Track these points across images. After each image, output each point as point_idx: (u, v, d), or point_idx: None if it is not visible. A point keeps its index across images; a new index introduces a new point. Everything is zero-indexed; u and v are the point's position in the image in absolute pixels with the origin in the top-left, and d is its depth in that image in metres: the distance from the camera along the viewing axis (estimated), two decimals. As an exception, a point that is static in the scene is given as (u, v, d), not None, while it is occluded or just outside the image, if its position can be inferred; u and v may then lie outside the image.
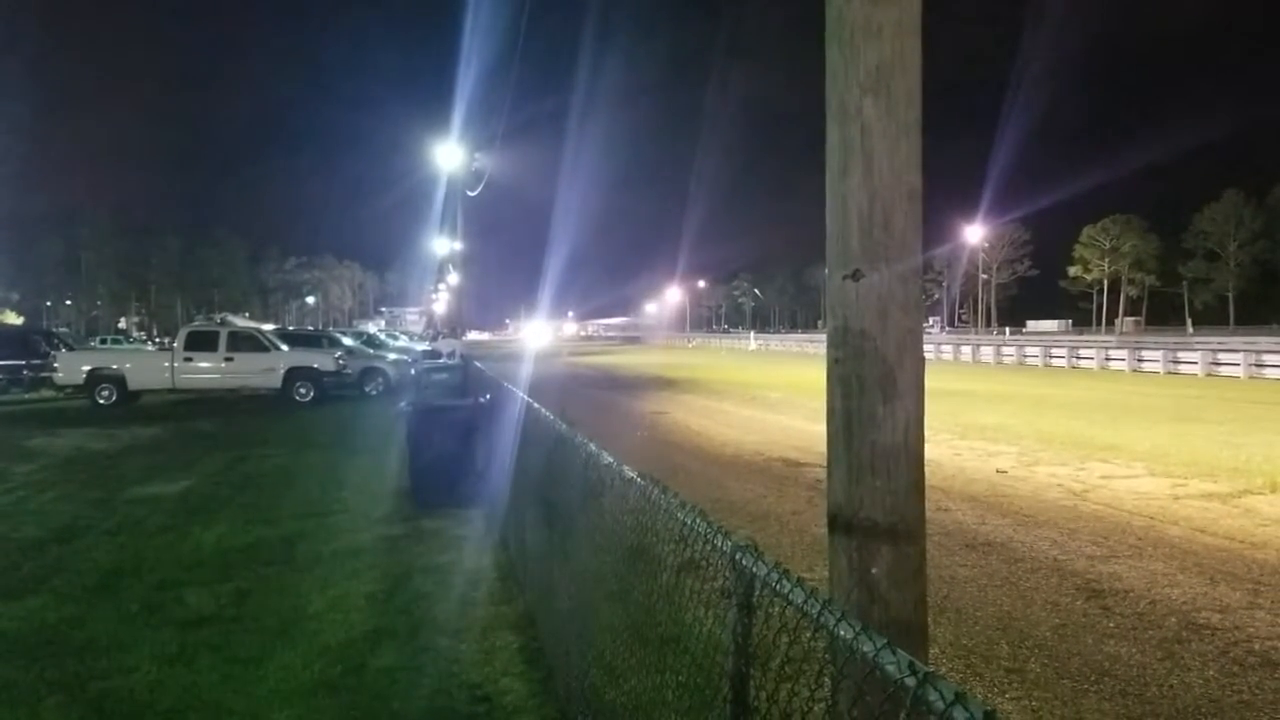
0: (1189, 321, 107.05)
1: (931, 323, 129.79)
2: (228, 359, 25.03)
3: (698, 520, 2.74)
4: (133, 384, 24.94)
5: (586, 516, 4.55)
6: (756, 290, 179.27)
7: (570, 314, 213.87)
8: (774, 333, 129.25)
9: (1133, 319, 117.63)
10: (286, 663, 5.74)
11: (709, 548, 2.62)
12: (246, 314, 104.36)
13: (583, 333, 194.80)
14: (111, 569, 7.96)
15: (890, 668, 1.53)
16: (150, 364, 26.14)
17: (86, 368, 25.18)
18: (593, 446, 4.38)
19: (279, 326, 60.27)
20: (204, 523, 9.79)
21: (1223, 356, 34.83)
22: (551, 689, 5.19)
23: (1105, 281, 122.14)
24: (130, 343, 75.88)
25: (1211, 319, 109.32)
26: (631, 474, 3.63)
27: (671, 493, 3.11)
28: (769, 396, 25.74)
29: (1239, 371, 32.71)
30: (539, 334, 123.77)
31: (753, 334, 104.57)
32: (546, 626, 5.79)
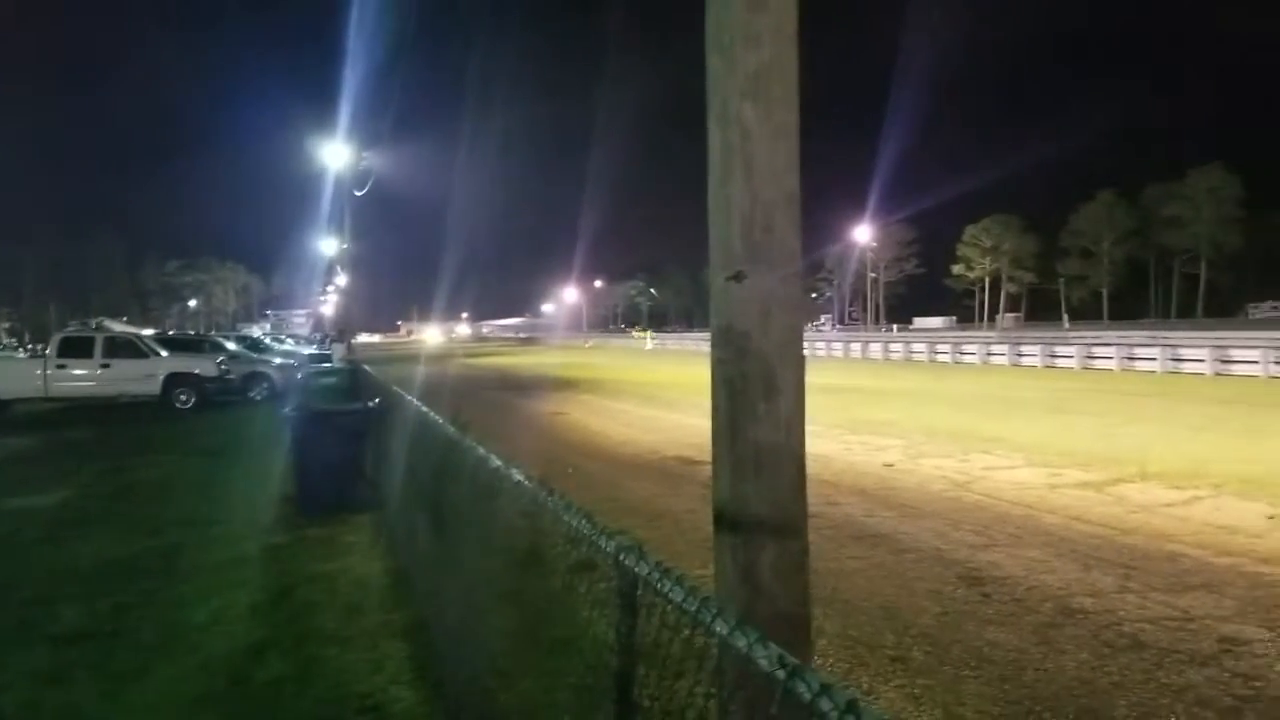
0: (1065, 317, 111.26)
1: (823, 320, 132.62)
2: (104, 366, 24.09)
3: (583, 522, 2.75)
4: (2, 393, 23.77)
5: (478, 520, 4.52)
6: (653, 290, 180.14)
7: (465, 315, 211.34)
8: (671, 332, 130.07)
9: (1013, 315, 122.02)
10: (168, 677, 5.57)
11: (594, 549, 2.64)
12: (125, 319, 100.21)
13: (478, 334, 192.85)
14: (-22, 587, 7.59)
15: (763, 661, 1.56)
16: (21, 372, 25.09)
17: (-49, 377, 23.96)
18: (482, 450, 4.35)
19: (159, 331, 58.20)
20: (81, 535, 9.42)
21: (1097, 350, 36.29)
22: (442, 696, 5.13)
23: (987, 279, 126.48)
24: (0, 350, 72.29)
25: (1087, 314, 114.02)
26: (520, 477, 3.62)
27: (559, 495, 3.11)
28: (666, 396, 25.87)
29: (1113, 364, 34.15)
30: (433, 335, 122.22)
31: (649, 333, 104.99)
32: (438, 632, 5.72)
